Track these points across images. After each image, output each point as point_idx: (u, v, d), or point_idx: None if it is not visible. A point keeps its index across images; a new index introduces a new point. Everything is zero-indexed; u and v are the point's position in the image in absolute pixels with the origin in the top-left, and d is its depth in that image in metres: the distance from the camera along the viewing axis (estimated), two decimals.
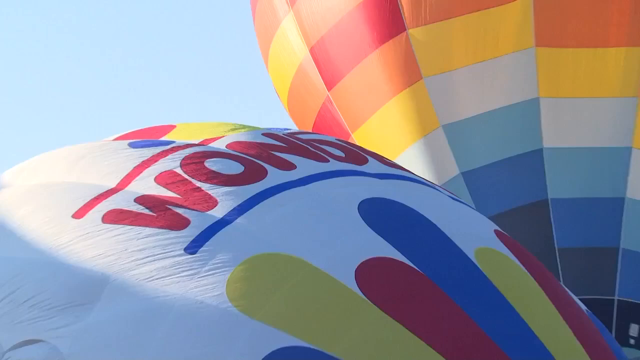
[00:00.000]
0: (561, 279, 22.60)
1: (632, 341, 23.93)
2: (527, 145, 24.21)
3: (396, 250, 15.12)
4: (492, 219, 22.28)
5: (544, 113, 23.94)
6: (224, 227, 15.25)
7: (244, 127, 18.50)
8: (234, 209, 15.53)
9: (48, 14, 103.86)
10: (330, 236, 15.33)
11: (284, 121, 25.44)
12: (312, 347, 13.52)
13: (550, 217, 24.23)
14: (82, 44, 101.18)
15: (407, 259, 15.02)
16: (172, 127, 18.34)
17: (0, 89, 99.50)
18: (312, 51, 24.59)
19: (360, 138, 24.15)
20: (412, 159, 23.68)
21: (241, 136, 17.78)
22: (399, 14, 23.52)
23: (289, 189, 16.23)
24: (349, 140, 23.88)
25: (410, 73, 23.81)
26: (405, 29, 23.58)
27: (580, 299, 21.19)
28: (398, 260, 14.96)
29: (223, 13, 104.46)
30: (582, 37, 23.87)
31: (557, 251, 23.47)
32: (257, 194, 15.84)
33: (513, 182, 24.40)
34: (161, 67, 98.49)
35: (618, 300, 23.99)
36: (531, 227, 24.08)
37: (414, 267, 14.94)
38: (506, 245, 16.64)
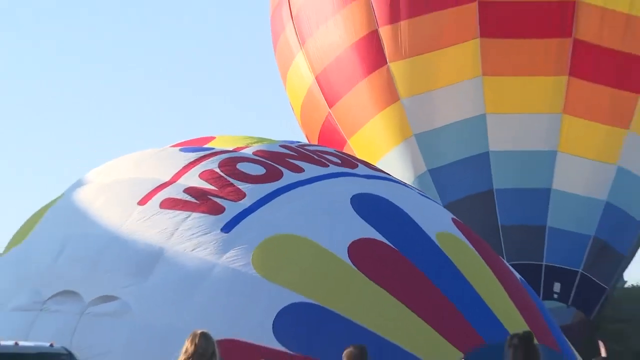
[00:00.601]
0: (503, 249, 23.27)
1: (555, 295, 24.05)
2: (477, 149, 24.13)
3: (378, 233, 15.51)
4: (452, 204, 22.65)
5: (489, 125, 23.84)
6: (251, 213, 15.63)
7: (266, 140, 18.74)
8: (258, 200, 15.87)
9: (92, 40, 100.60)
10: (329, 222, 15.69)
11: (296, 131, 25.75)
12: (314, 303, 14.37)
13: (495, 202, 24.16)
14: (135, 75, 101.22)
15: (386, 239, 15.43)
16: (213, 138, 18.74)
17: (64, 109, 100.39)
18: (318, 79, 24.46)
19: (355, 143, 24.30)
20: (393, 159, 23.72)
21: (264, 146, 17.97)
22: (382, 52, 23.43)
23: (299, 186, 16.57)
24: (346, 145, 24.12)
25: (390, 95, 23.70)
26: (386, 63, 23.57)
27: (517, 264, 21.49)
28: (379, 240, 15.39)
29: (250, 49, 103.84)
30: (517, 68, 23.77)
31: (500, 228, 23.58)
32: (275, 190, 16.17)
33: (467, 177, 24.30)
34: (202, 90, 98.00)
35: (545, 265, 24.07)
36: (481, 210, 24.02)
37: (390, 246, 15.36)
38: (460, 230, 17.00)
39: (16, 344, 13.84)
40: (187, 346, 7.70)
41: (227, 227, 15.52)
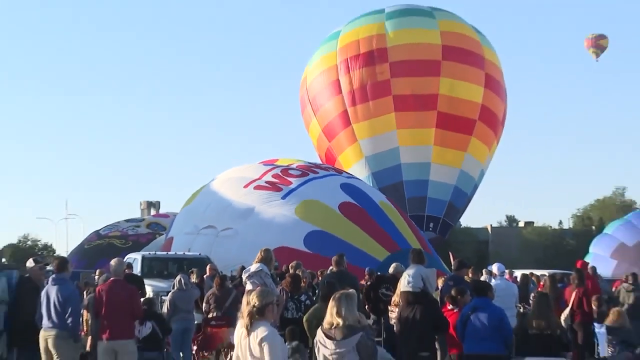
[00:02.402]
0: (407, 208, 22.51)
1: (430, 228, 23.44)
2: (395, 162, 23.28)
3: (352, 199, 15.73)
4: (383, 187, 22.25)
5: (401, 151, 23.20)
6: (294, 190, 15.78)
7: (301, 160, 18.49)
8: (297, 185, 16.00)
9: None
10: (330, 194, 15.77)
11: (314, 153, 25.23)
12: (322, 230, 14.60)
13: (403, 186, 23.75)
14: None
15: (355, 202, 15.65)
16: (277, 159, 18.68)
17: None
18: (323, 130, 23.72)
19: (341, 159, 23.58)
20: (356, 168, 22.34)
21: (300, 163, 17.90)
22: (349, 119, 22.31)
23: (315, 179, 16.50)
24: (337, 160, 23.63)
25: (354, 138, 22.65)
26: (351, 124, 22.81)
27: (413, 215, 21.45)
28: (352, 203, 15.63)
29: (290, 114, 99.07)
30: (412, 124, 22.28)
31: (405, 198, 23.14)
32: (305, 180, 16.24)
33: (390, 175, 23.56)
34: (266, 136, 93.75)
35: (426, 215, 23.44)
36: (397, 190, 22.93)
37: (357, 205, 15.59)
38: (389, 201, 17.10)
39: (184, 253, 14.57)
40: (259, 255, 7.59)
41: (284, 197, 15.73)
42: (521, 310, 9.27)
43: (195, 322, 9.11)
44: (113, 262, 6.88)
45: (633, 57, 76.26)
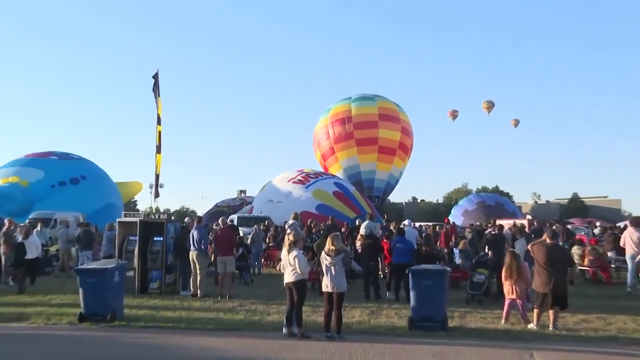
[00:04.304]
0: (365, 192, 20.88)
1: (375, 201, 21.99)
2: (356, 170, 22.52)
3: (339, 189, 15.15)
4: (354, 182, 20.53)
5: (360, 165, 22.23)
6: (312, 184, 15.16)
7: (315, 170, 17.73)
8: (313, 182, 15.37)
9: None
10: (329, 186, 15.12)
11: (317, 166, 22.75)
12: (325, 204, 14.00)
13: (362, 182, 21.92)
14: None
15: (341, 191, 15.09)
16: (303, 169, 17.27)
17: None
18: (322, 155, 22.62)
19: (332, 170, 21.92)
20: (339, 174, 20.78)
21: (315, 171, 17.20)
22: (334, 150, 22.16)
23: (322, 180, 15.85)
24: (328, 170, 22.32)
25: (336, 160, 22.06)
26: (335, 152, 22.26)
27: (369, 195, 19.87)
28: (339, 191, 15.02)
29: (306, 138, 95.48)
30: (366, 152, 22.19)
31: (363, 187, 21.44)
32: (316, 180, 15.64)
33: (356, 177, 22.19)
34: (289, 157, 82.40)
35: (374, 195, 22.06)
36: (360, 184, 21.33)
37: (342, 192, 15.02)
38: (357, 190, 16.39)
39: (257, 214, 14.01)
40: (292, 216, 7.47)
41: (306, 187, 15.15)
42: (419, 241, 9.25)
43: (263, 247, 8.98)
44: (220, 220, 6.96)
45: (476, 120, 79.93)
